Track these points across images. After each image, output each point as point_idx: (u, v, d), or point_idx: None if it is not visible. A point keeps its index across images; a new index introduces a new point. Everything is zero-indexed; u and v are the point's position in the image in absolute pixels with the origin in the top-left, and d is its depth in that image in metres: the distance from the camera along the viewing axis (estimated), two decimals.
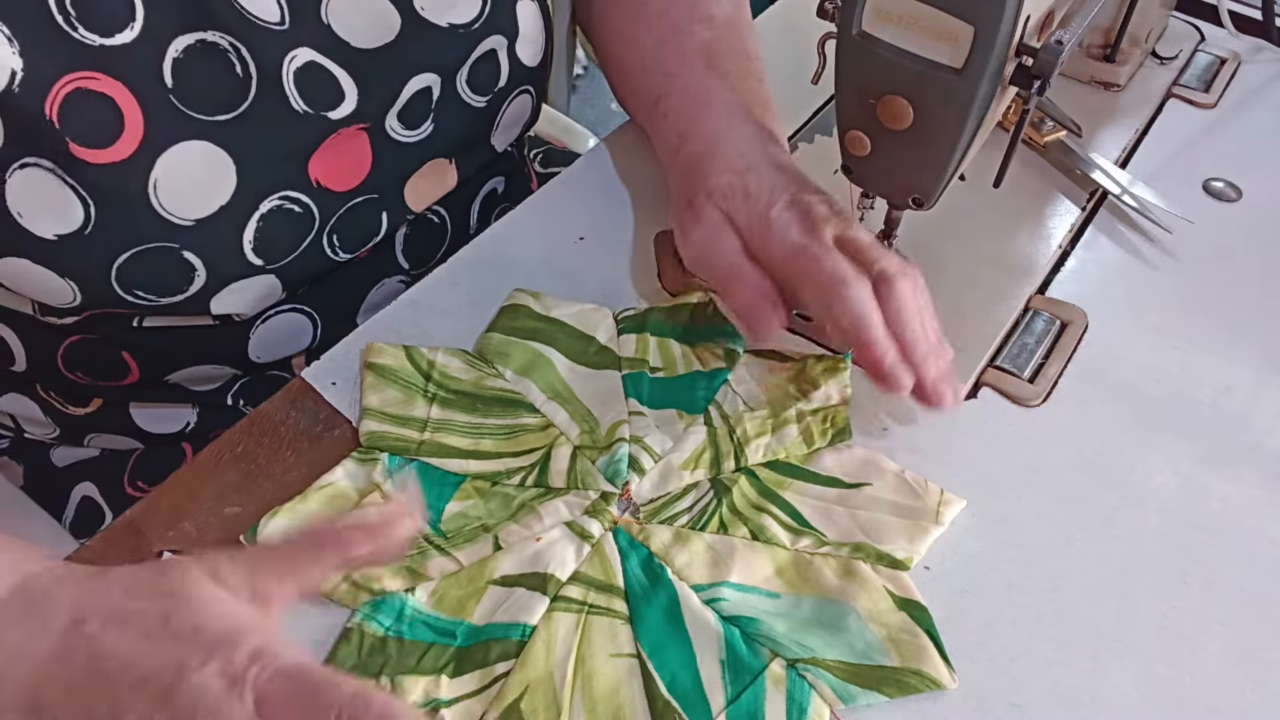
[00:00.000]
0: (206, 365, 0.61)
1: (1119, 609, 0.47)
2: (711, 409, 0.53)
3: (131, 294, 0.51)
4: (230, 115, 0.51)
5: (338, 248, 0.59)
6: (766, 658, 0.44)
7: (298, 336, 0.62)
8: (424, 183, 0.61)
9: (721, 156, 0.55)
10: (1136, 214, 0.66)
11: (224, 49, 0.50)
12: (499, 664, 0.43)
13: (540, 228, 0.63)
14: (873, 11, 0.47)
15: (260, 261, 0.54)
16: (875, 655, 0.44)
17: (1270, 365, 0.58)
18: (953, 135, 0.49)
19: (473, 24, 0.58)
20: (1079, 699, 0.44)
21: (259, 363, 0.62)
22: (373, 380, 0.53)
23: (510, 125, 0.65)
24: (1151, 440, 0.54)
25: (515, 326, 0.56)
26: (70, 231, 0.48)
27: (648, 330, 0.56)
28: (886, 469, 0.51)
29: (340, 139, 0.55)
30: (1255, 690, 0.45)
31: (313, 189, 0.55)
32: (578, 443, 0.51)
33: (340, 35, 0.53)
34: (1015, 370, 0.56)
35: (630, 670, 0.43)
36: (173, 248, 0.51)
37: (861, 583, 0.46)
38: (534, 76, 0.64)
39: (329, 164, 0.55)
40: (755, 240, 0.52)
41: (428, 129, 0.59)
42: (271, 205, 0.53)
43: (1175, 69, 0.78)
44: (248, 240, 0.53)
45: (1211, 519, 0.50)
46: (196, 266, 0.52)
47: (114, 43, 0.47)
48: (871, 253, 0.49)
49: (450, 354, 0.54)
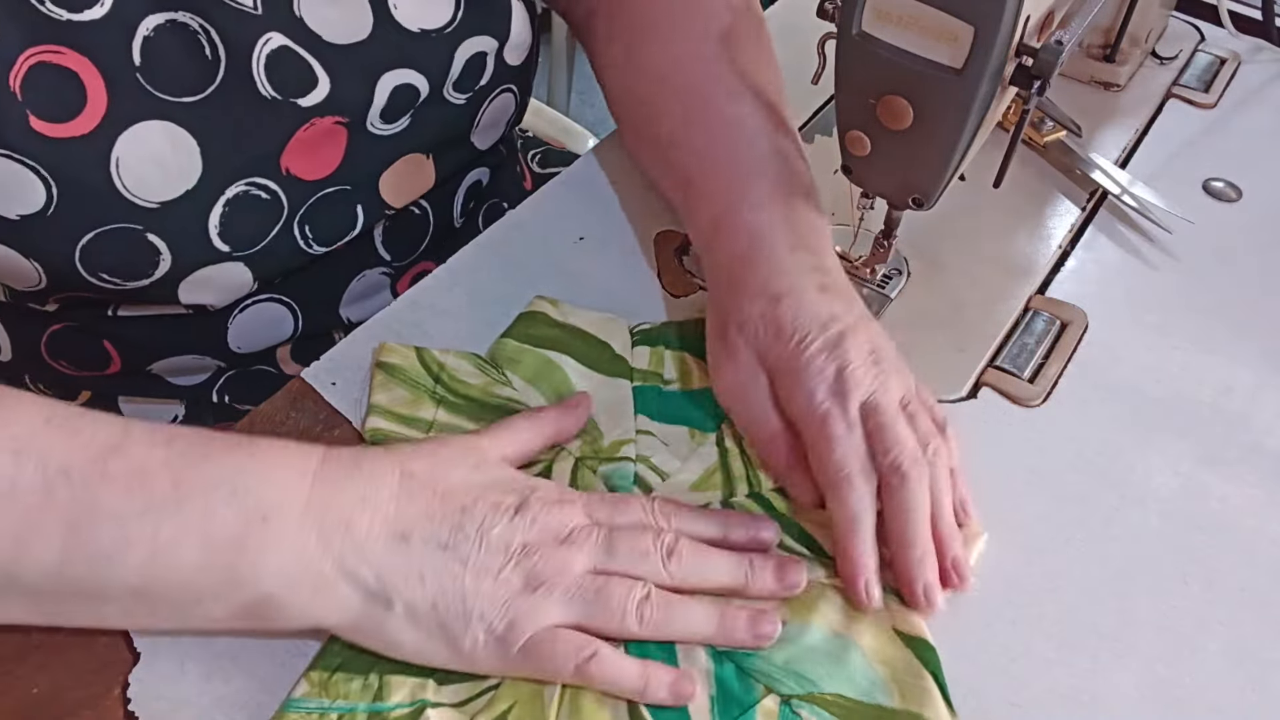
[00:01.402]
0: (187, 355, 0.61)
1: (1119, 609, 0.47)
2: (724, 427, 0.52)
3: (97, 276, 0.51)
4: (196, 98, 0.50)
5: (311, 240, 0.58)
6: (760, 693, 0.43)
7: (277, 326, 0.62)
8: (400, 178, 0.61)
9: (758, 270, 0.51)
10: (1136, 214, 0.66)
11: (194, 30, 0.50)
12: (488, 676, 0.43)
13: (540, 228, 0.63)
14: (873, 11, 0.47)
15: (226, 248, 0.54)
16: (876, 694, 0.43)
17: (1270, 365, 0.58)
18: (953, 135, 0.49)
19: (446, 27, 0.57)
20: (1079, 699, 0.44)
21: (240, 353, 0.62)
22: (382, 379, 0.53)
23: (492, 124, 0.64)
24: (1151, 440, 0.54)
25: (531, 333, 0.56)
26: (32, 212, 0.48)
27: (663, 342, 0.56)
28: None
29: (316, 131, 0.55)
30: (1255, 690, 0.45)
31: (281, 177, 0.55)
32: (578, 454, 0.51)
33: (312, 28, 0.53)
34: (1015, 370, 0.56)
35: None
36: (136, 229, 0.50)
37: (869, 619, 0.45)
38: (517, 75, 0.63)
39: (298, 152, 0.55)
40: (782, 387, 0.49)
41: (404, 123, 0.58)
42: (237, 191, 0.53)
43: (1175, 69, 0.78)
44: (213, 225, 0.53)
45: (1211, 519, 0.50)
46: (161, 250, 0.52)
47: (82, 18, 0.47)
48: (889, 436, 0.46)
49: (461, 357, 0.54)
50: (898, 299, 0.60)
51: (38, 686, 0.42)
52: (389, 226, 0.64)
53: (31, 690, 0.42)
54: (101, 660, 0.43)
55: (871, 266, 0.60)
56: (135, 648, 0.43)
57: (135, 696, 0.42)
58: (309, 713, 0.41)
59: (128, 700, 0.42)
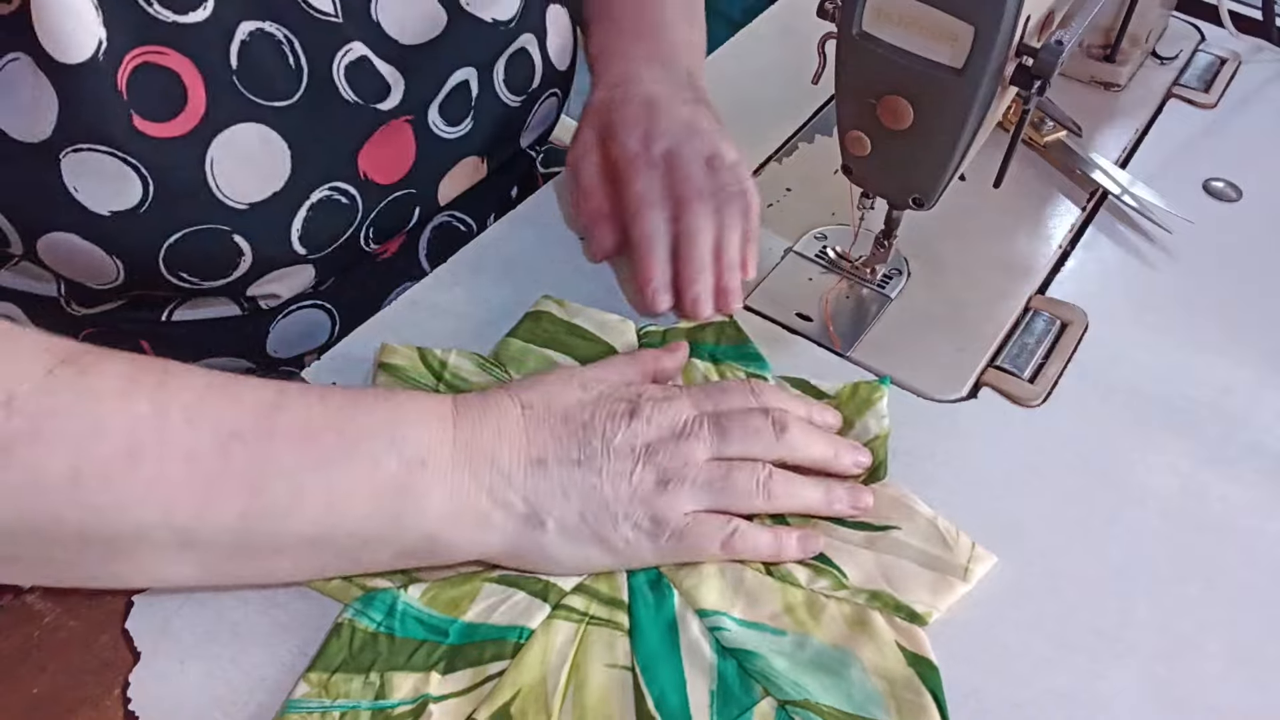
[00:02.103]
0: (223, 358, 0.61)
1: (1119, 609, 0.47)
2: None
3: (176, 275, 0.52)
4: (286, 102, 0.52)
5: (371, 240, 0.60)
6: (759, 694, 0.43)
7: (316, 331, 0.63)
8: (456, 181, 0.63)
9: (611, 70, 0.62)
10: (1136, 214, 0.66)
11: (279, 40, 0.51)
12: (492, 664, 0.43)
13: (540, 228, 0.63)
14: (873, 11, 0.47)
15: (304, 251, 0.55)
16: (872, 708, 0.42)
17: (1270, 365, 0.58)
18: (953, 135, 0.49)
19: (511, 21, 0.60)
20: (1079, 699, 0.44)
21: (275, 358, 0.62)
22: (384, 380, 0.53)
23: (537, 126, 0.67)
24: (1151, 440, 0.54)
25: (537, 333, 0.56)
26: (126, 209, 0.48)
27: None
28: (919, 512, 0.48)
29: (388, 132, 0.56)
30: (1255, 690, 0.45)
31: (359, 181, 0.56)
32: None
33: (388, 32, 0.55)
34: (1015, 370, 0.56)
35: (624, 682, 0.43)
36: (224, 230, 0.51)
37: (872, 634, 0.45)
38: (562, 80, 0.66)
39: (376, 157, 0.56)
40: (608, 148, 0.58)
41: (467, 126, 0.61)
42: (322, 195, 0.55)
43: (1175, 69, 0.78)
44: (296, 228, 0.54)
45: (1211, 519, 0.50)
46: (244, 250, 0.53)
47: (186, 20, 0.48)
48: (682, 174, 0.55)
49: (463, 356, 0.54)
50: (898, 299, 0.60)
51: (38, 686, 0.42)
52: (432, 238, 0.66)
53: (31, 690, 0.42)
54: (101, 660, 0.43)
55: (871, 266, 0.60)
56: (135, 648, 0.43)
57: (135, 696, 0.42)
58: (310, 712, 0.41)
59: (128, 700, 0.42)
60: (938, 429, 0.53)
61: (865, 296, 0.60)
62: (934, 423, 0.54)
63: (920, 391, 0.55)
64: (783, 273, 0.61)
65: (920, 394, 0.55)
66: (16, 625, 0.44)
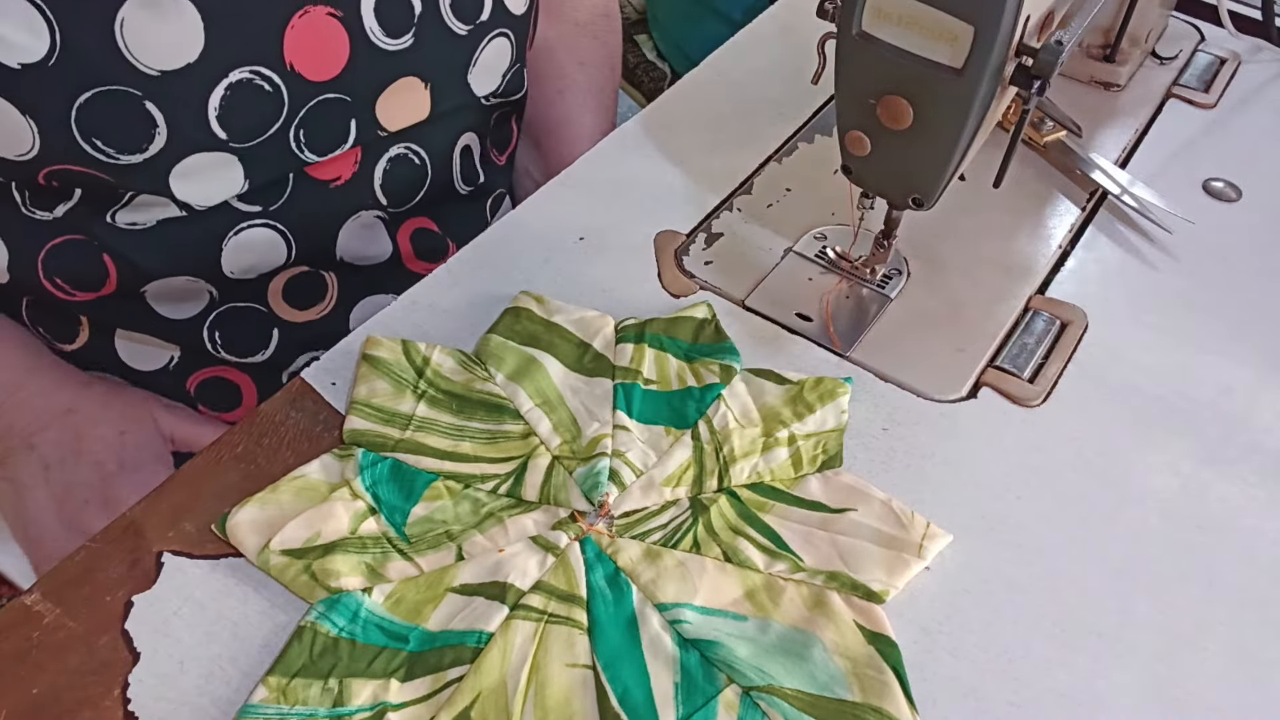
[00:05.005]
0: (182, 277, 0.61)
1: (1119, 609, 0.47)
2: (701, 424, 0.52)
3: (90, 142, 0.52)
4: None
5: (304, 145, 0.59)
6: (722, 682, 0.43)
7: (271, 251, 0.63)
8: (397, 101, 0.62)
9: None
10: (1136, 214, 0.66)
11: None
12: (452, 669, 0.43)
13: (540, 228, 0.63)
14: (873, 11, 0.47)
15: (224, 135, 0.55)
16: (836, 688, 0.43)
17: (1270, 365, 0.58)
18: (953, 135, 0.49)
19: None
20: (1079, 699, 0.44)
21: (233, 279, 0.62)
22: (365, 371, 0.53)
23: (488, 68, 0.66)
24: (1151, 440, 0.54)
25: (516, 330, 0.56)
26: (34, 61, 0.49)
27: (646, 340, 0.55)
28: (873, 496, 0.49)
29: (314, 22, 0.56)
30: (1255, 690, 0.45)
31: (285, 71, 0.56)
32: (557, 452, 0.50)
33: None
34: (1015, 370, 0.56)
35: (584, 681, 0.43)
36: (135, 94, 0.51)
37: (831, 614, 0.45)
38: (516, 24, 0.65)
39: (303, 48, 0.56)
40: None
41: (408, 40, 0.60)
42: (241, 76, 0.54)
43: (1175, 69, 0.78)
44: (213, 107, 0.54)
45: (1211, 519, 0.50)
46: (158, 122, 0.53)
47: None
48: None
49: (446, 352, 0.54)
50: (898, 299, 0.60)
51: (38, 687, 0.42)
52: (388, 170, 0.65)
53: (31, 691, 0.42)
54: (101, 660, 0.43)
55: (871, 266, 0.60)
56: (135, 648, 0.43)
57: (135, 696, 0.42)
58: (266, 718, 0.41)
59: (128, 700, 0.42)
60: (938, 429, 0.53)
61: (865, 296, 0.60)
62: (934, 423, 0.54)
63: (920, 391, 0.55)
64: (782, 273, 0.61)
65: (920, 394, 0.55)
66: (16, 626, 0.44)
